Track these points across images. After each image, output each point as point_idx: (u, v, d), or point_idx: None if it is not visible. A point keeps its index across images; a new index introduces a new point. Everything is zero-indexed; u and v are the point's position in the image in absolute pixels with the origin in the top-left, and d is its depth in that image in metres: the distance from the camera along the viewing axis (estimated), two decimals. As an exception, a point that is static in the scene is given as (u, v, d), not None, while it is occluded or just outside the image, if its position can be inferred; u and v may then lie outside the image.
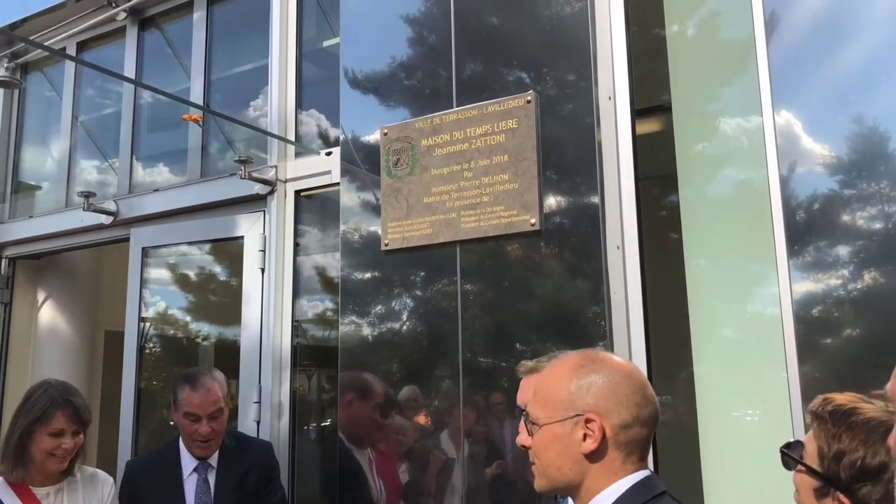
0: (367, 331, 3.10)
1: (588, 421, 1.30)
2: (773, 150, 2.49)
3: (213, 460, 2.72)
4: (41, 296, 4.95)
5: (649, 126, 3.39)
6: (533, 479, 1.42)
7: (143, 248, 4.02)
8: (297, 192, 3.64)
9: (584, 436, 1.31)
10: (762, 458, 2.64)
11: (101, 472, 2.72)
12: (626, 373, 1.36)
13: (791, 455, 1.38)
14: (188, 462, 2.71)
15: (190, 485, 2.68)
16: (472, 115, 2.90)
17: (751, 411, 2.78)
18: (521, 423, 1.44)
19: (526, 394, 2.02)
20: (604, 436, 1.30)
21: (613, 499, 1.31)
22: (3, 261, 4.72)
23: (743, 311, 2.96)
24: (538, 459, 1.37)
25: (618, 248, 2.67)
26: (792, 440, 1.43)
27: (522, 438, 1.42)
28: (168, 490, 2.68)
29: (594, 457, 1.31)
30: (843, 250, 2.37)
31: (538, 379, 1.43)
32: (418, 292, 3.01)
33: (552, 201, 2.74)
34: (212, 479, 2.70)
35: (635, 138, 2.77)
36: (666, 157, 3.08)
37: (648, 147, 3.00)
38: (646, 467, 1.36)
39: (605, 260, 2.64)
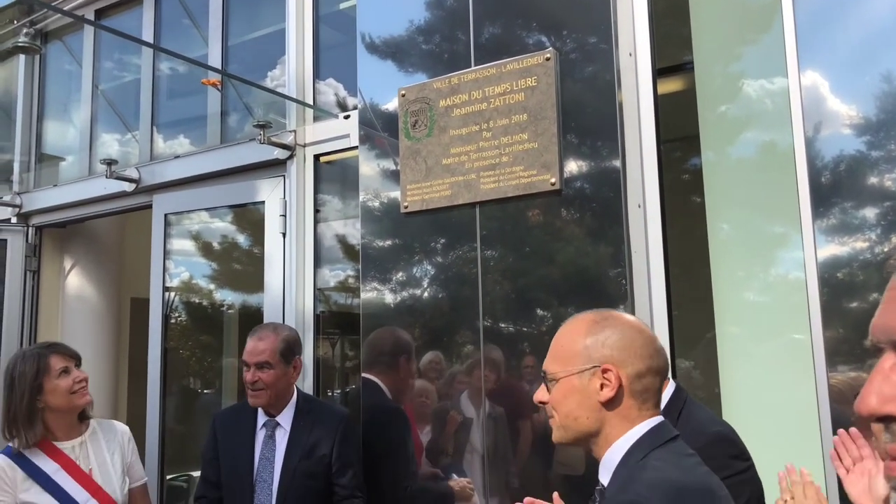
0: (388, 296, 3.11)
1: (605, 371, 1.39)
2: (798, 111, 2.43)
3: (284, 420, 2.74)
4: (68, 263, 5.02)
5: (671, 86, 3.33)
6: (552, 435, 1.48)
7: (166, 215, 4.06)
8: (316, 157, 3.64)
9: (602, 385, 1.39)
10: (785, 420, 2.64)
11: (116, 422, 2.81)
12: (637, 328, 1.44)
13: None
14: (261, 417, 2.77)
15: (259, 439, 2.74)
16: (490, 74, 2.86)
17: (774, 374, 2.76)
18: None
19: None
20: (620, 384, 1.38)
21: (630, 444, 1.38)
22: (30, 229, 4.79)
23: (766, 273, 2.93)
24: (557, 412, 1.44)
25: (639, 206, 2.64)
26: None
27: (539, 395, 1.48)
28: (240, 440, 2.76)
29: (611, 405, 1.39)
30: (869, 213, 2.33)
31: (554, 338, 1.49)
32: (438, 255, 3.01)
33: (572, 160, 2.71)
34: (280, 437, 2.73)
35: (656, 95, 2.73)
36: (688, 119, 3.03)
37: (671, 108, 2.95)
38: (659, 414, 1.43)
39: (626, 219, 2.61)
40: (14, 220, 4.80)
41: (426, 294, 3.03)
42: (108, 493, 2.59)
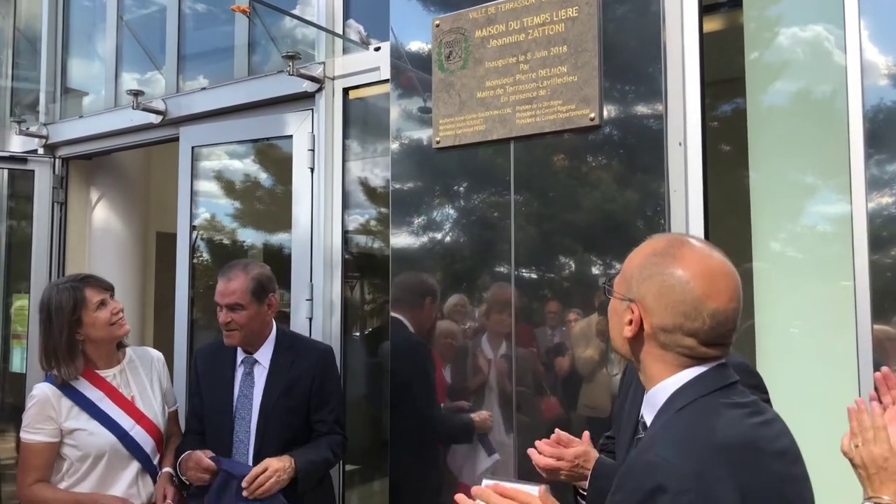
0: (418, 235, 3.07)
1: (632, 310, 1.31)
2: (855, 60, 2.31)
3: (262, 357, 2.71)
4: (94, 196, 5.01)
5: (716, 24, 3.20)
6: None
7: (193, 148, 4.01)
8: (346, 90, 3.56)
9: (630, 321, 1.31)
10: (819, 371, 2.59)
11: (149, 349, 2.85)
12: (688, 279, 1.26)
13: None
14: (240, 353, 2.74)
15: (238, 376, 2.72)
16: (529, 4, 2.74)
17: (811, 324, 2.70)
18: None
19: None
20: (641, 329, 1.31)
21: (675, 389, 1.29)
22: (57, 161, 4.77)
23: (809, 222, 2.84)
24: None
25: (680, 144, 2.55)
26: None
27: None
28: (219, 377, 2.75)
29: (634, 343, 1.34)
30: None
31: None
32: (470, 194, 2.94)
33: (613, 94, 2.62)
34: (258, 374, 2.70)
35: (702, 28, 2.61)
36: (732, 61, 2.91)
37: (714, 49, 2.84)
38: (711, 361, 1.29)
39: (667, 156, 2.53)
40: (41, 151, 4.78)
41: (456, 234, 2.98)
42: (151, 419, 2.62)
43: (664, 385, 1.30)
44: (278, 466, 2.48)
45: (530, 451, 1.83)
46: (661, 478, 1.13)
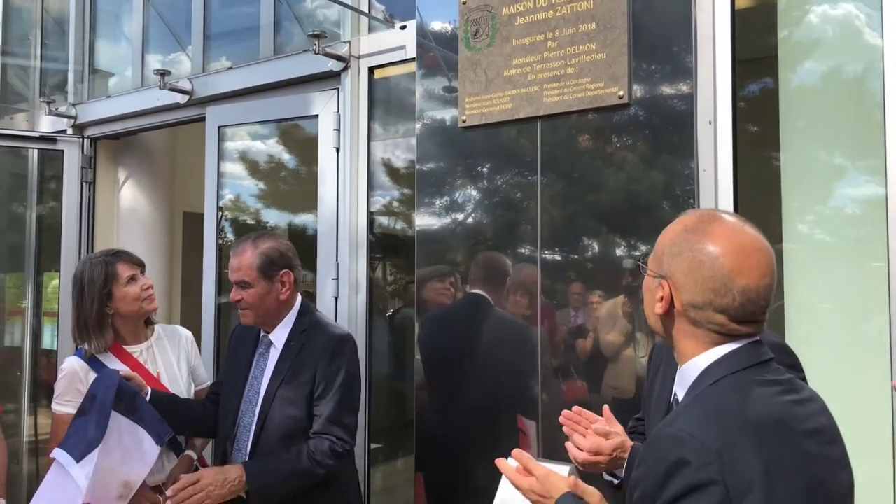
0: (443, 215, 3.06)
1: (664, 286, 1.31)
2: (893, 40, 2.26)
3: (276, 339, 2.52)
4: (122, 175, 5.06)
5: (747, 0, 3.14)
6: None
7: (219, 127, 4.03)
8: (371, 70, 3.55)
9: (661, 297, 1.32)
10: (851, 353, 2.56)
11: (179, 327, 2.86)
12: (717, 255, 1.26)
13: None
14: (263, 333, 2.60)
15: (255, 356, 2.59)
16: (558, -20, 2.72)
17: (841, 306, 2.66)
18: None
19: None
20: (672, 306, 1.31)
21: (705, 365, 1.28)
22: (85, 140, 4.81)
23: (839, 203, 2.80)
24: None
25: (710, 123, 2.51)
26: None
27: None
28: (242, 354, 2.63)
29: (666, 320, 1.34)
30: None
31: None
32: (497, 174, 2.93)
33: (642, 72, 2.58)
34: (272, 357, 2.54)
35: (734, 6, 2.57)
36: (761, 39, 2.86)
37: (743, 27, 2.79)
38: (744, 338, 1.28)
39: (696, 136, 2.50)
40: (69, 131, 4.83)
41: (482, 215, 2.98)
42: None
43: (696, 362, 1.29)
44: (211, 481, 2.24)
45: (568, 444, 1.80)
46: (684, 451, 1.13)
